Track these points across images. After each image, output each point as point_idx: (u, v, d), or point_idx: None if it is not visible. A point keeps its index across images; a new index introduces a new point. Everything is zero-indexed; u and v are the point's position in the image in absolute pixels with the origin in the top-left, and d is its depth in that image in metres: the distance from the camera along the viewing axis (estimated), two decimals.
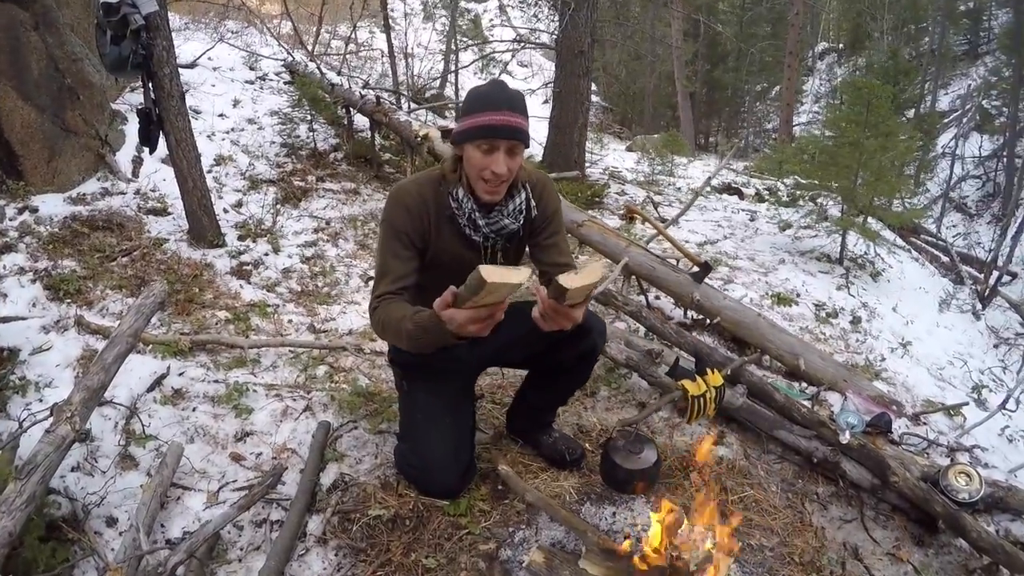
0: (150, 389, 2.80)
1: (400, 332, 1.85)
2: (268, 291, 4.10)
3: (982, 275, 8.14)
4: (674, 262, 4.16)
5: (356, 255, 4.81)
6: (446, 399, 2.24)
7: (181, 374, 2.97)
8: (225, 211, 4.89)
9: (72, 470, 2.30)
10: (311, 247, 4.76)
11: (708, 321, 3.83)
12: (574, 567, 1.89)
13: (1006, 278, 8.50)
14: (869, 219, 5.77)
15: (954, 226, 12.61)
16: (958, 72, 16.92)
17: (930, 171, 11.66)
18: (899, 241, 7.44)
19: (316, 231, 5.02)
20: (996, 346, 7.03)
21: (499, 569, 2.05)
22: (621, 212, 6.16)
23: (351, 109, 6.37)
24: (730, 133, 20.03)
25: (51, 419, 1.98)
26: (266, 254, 4.49)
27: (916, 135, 6.53)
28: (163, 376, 2.89)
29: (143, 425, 2.52)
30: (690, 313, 3.99)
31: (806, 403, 3.00)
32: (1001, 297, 8.24)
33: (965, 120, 13.13)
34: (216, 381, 2.95)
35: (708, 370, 2.44)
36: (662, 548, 1.83)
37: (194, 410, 2.75)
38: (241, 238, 4.60)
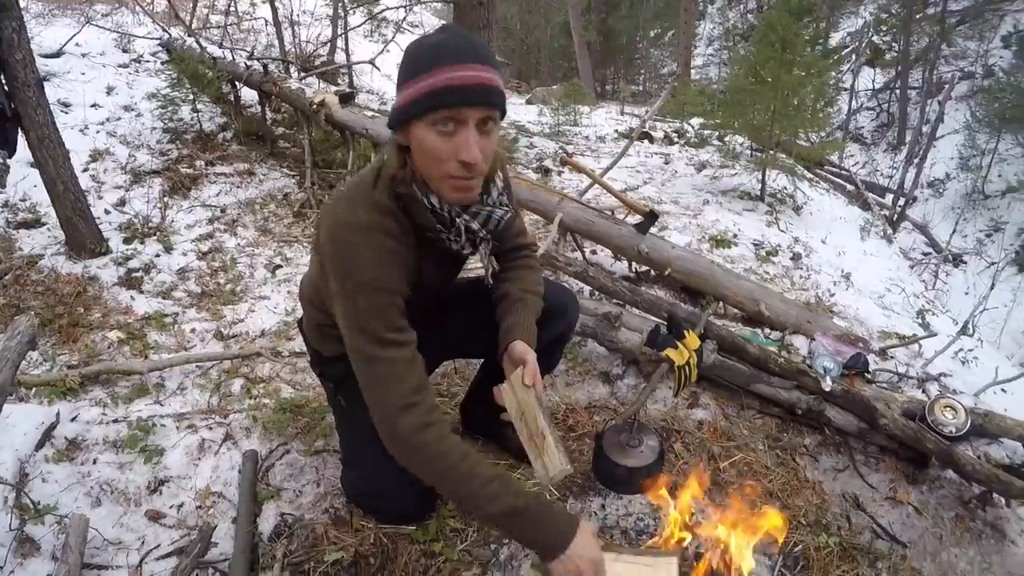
0: (39, 446, 2.28)
1: (481, 496, 1.37)
2: (164, 298, 3.59)
3: (888, 201, 8.41)
4: (610, 213, 3.90)
5: (258, 242, 4.33)
6: None
7: (74, 419, 2.46)
8: (107, 212, 4.31)
9: None
10: (207, 240, 4.25)
11: (655, 273, 3.60)
12: None
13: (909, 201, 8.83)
14: (783, 155, 5.73)
15: (852, 155, 13.05)
16: (847, 11, 17.45)
17: (833, 105, 12.01)
18: (807, 174, 7.52)
19: (211, 221, 4.50)
20: (912, 267, 7.27)
21: None
22: (535, 167, 5.87)
23: (237, 84, 5.77)
24: (628, 80, 20.09)
25: None
26: (157, 255, 3.96)
27: (829, 68, 6.54)
28: (53, 426, 2.37)
29: (32, 502, 2.02)
30: (634, 266, 3.75)
31: (774, 350, 2.83)
32: (908, 220, 8.57)
33: (857, 55, 13.56)
34: (116, 420, 2.47)
35: (685, 332, 2.20)
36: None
37: (95, 463, 2.26)
38: (127, 241, 4.05)
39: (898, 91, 13.23)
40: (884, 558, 2.02)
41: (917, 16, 13.22)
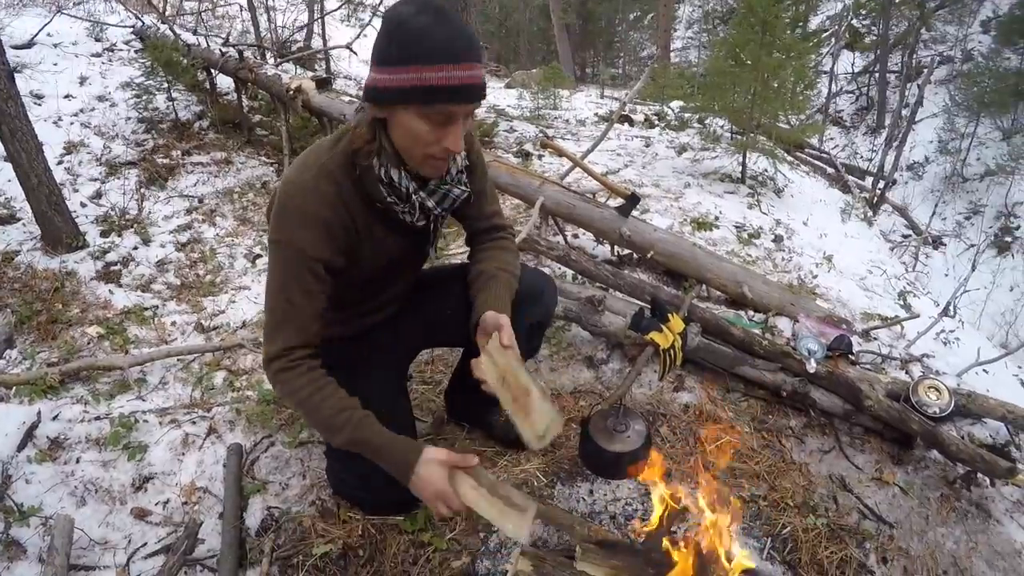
0: (21, 446, 2.22)
1: (335, 422, 1.50)
2: (143, 291, 3.55)
3: (868, 183, 8.47)
4: (591, 196, 3.88)
5: (237, 232, 4.28)
6: (375, 399, 1.74)
7: (55, 417, 2.40)
8: (83, 205, 4.25)
9: None
10: (186, 231, 4.20)
11: (637, 256, 3.60)
12: (571, 570, 1.58)
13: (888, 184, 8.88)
14: (763, 137, 5.74)
15: (831, 139, 13.12)
16: None
17: (813, 88, 12.10)
18: (788, 157, 7.54)
19: (189, 212, 4.44)
20: (892, 249, 7.33)
21: None
22: (515, 151, 5.85)
23: (212, 71, 5.68)
24: (607, 63, 20.06)
25: None
26: (135, 248, 3.91)
27: (811, 51, 6.55)
28: (34, 425, 2.31)
29: (16, 504, 1.98)
30: (616, 249, 3.75)
31: (758, 332, 2.84)
32: (888, 203, 8.63)
33: (837, 39, 13.59)
34: (98, 418, 2.42)
35: (669, 315, 2.19)
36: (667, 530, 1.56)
37: (78, 462, 2.21)
38: (104, 234, 4.00)
39: (877, 75, 13.30)
40: (871, 538, 2.04)
41: (896, 0, 13.28)
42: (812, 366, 2.51)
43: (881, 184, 8.24)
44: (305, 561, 1.81)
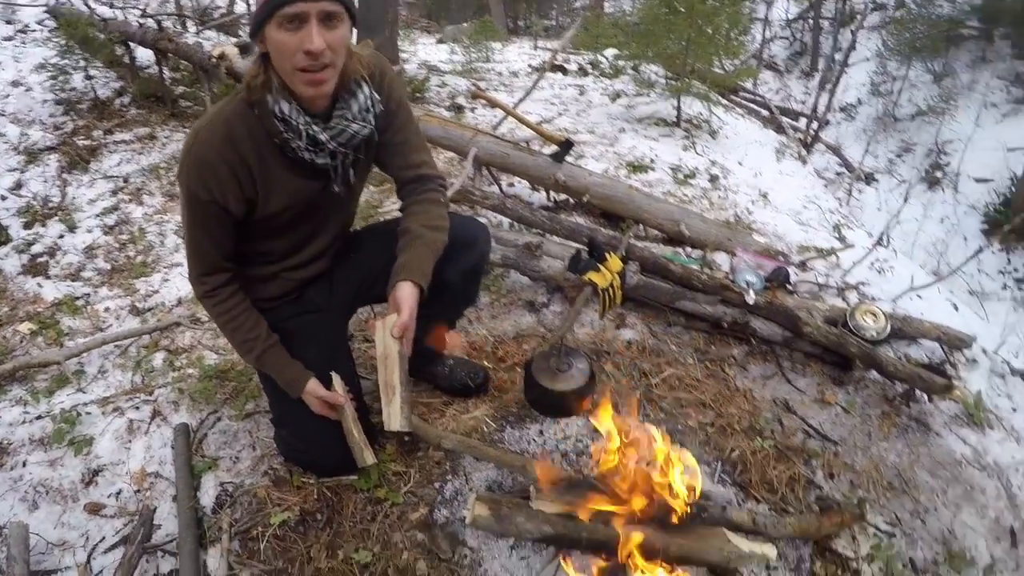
0: None
1: (243, 348, 1.75)
2: (73, 280, 3.40)
3: (802, 125, 8.61)
4: (524, 144, 3.88)
5: (166, 208, 4.11)
6: (316, 364, 1.79)
7: None
8: (3, 198, 4.02)
9: None
10: (112, 213, 4.02)
11: (573, 201, 3.62)
12: (527, 511, 1.60)
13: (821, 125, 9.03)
14: (697, 82, 5.77)
15: (766, 83, 13.25)
16: None
17: (746, 33, 12.14)
18: (722, 101, 7.60)
19: (115, 193, 4.25)
20: (826, 186, 7.50)
21: (442, 536, 1.76)
22: (447, 105, 5.77)
23: (131, 45, 5.41)
24: (540, 15, 19.76)
25: None
26: (61, 236, 3.74)
27: None
28: None
29: None
30: (552, 195, 3.76)
31: (697, 268, 2.88)
32: (821, 142, 8.80)
33: None
34: (39, 417, 2.32)
35: (606, 255, 2.21)
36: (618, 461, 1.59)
37: (25, 465, 2.12)
38: (27, 225, 3.81)
39: (811, 21, 13.44)
40: (818, 456, 2.12)
41: None
42: (751, 297, 2.57)
43: (815, 124, 8.38)
44: (265, 532, 1.80)
